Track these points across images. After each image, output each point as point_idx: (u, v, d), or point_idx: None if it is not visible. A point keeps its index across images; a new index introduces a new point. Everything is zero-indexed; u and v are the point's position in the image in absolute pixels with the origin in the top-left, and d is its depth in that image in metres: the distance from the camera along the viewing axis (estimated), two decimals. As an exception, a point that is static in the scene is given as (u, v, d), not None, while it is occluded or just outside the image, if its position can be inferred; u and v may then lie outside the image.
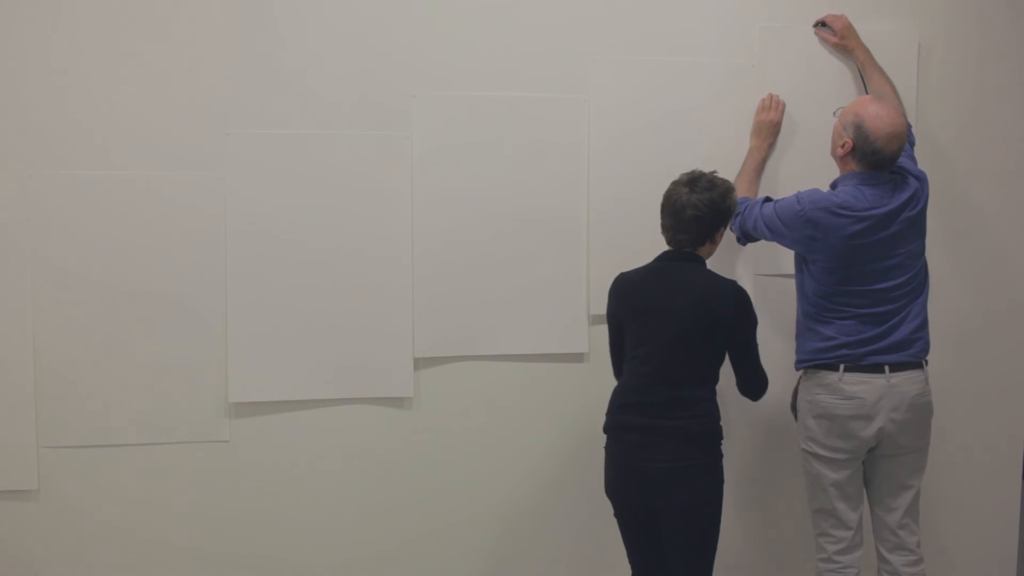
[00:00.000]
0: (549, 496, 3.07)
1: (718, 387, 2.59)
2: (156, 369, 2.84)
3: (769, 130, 3.00)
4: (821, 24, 3.03)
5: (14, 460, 2.80)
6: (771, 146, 3.02)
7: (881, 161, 2.64)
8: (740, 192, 2.88)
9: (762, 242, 2.85)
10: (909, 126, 2.80)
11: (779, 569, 3.18)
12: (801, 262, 2.76)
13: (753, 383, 2.63)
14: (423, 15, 2.89)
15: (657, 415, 2.50)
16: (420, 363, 2.96)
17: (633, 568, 2.69)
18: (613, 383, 2.68)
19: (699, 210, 2.52)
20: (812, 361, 2.71)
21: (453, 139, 2.92)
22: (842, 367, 2.65)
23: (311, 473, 2.95)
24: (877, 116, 2.62)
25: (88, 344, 2.81)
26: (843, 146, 2.67)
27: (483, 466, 3.03)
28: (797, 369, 2.80)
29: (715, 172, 2.62)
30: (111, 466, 2.84)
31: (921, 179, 2.73)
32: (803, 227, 2.64)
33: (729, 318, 2.53)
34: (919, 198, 2.69)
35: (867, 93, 2.96)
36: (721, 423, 2.56)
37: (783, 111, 3.01)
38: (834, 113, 2.78)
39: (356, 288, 2.91)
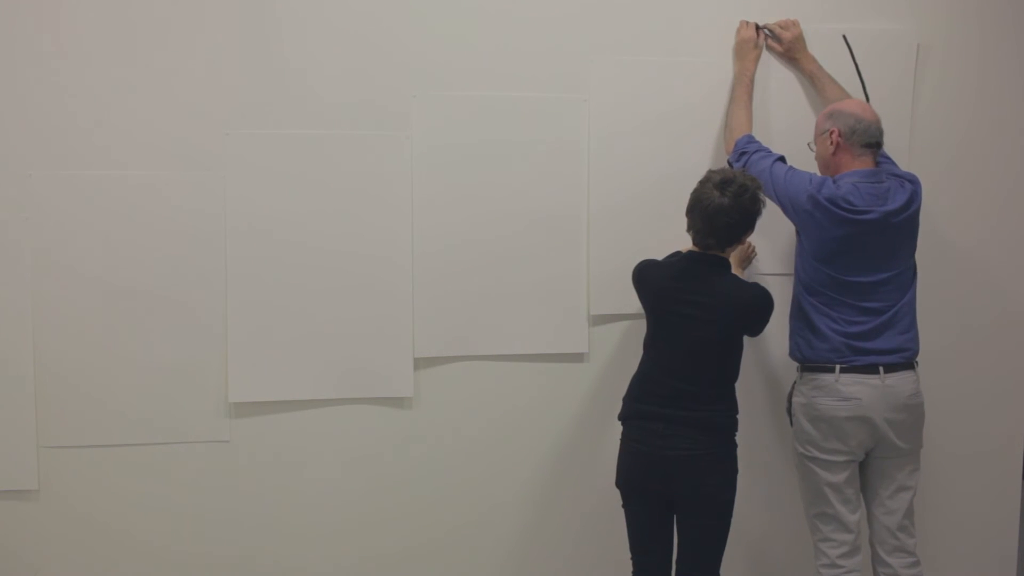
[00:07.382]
0: (550, 495, 3.06)
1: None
2: (156, 369, 2.84)
3: (747, 47, 2.96)
4: (767, 32, 2.99)
5: (14, 460, 2.80)
6: (756, 61, 2.97)
7: (871, 133, 2.69)
8: (737, 123, 2.89)
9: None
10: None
11: (779, 567, 3.19)
12: (800, 248, 2.77)
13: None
14: (423, 15, 2.89)
15: (680, 407, 2.55)
16: (420, 363, 2.95)
17: (635, 562, 2.70)
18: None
19: (731, 216, 2.53)
20: (808, 360, 2.73)
21: (453, 139, 2.92)
22: (838, 368, 2.67)
23: (311, 473, 2.95)
24: (846, 103, 2.77)
25: (88, 344, 2.81)
26: (830, 135, 2.71)
27: (483, 466, 3.03)
28: (791, 358, 2.81)
29: (745, 169, 2.63)
30: (111, 466, 2.85)
31: (915, 182, 2.76)
32: (806, 203, 2.67)
33: (754, 321, 2.65)
34: (914, 200, 2.72)
35: (824, 103, 2.95)
36: (738, 416, 2.62)
37: (755, 28, 2.97)
38: (809, 145, 2.83)
39: (356, 288, 2.91)
